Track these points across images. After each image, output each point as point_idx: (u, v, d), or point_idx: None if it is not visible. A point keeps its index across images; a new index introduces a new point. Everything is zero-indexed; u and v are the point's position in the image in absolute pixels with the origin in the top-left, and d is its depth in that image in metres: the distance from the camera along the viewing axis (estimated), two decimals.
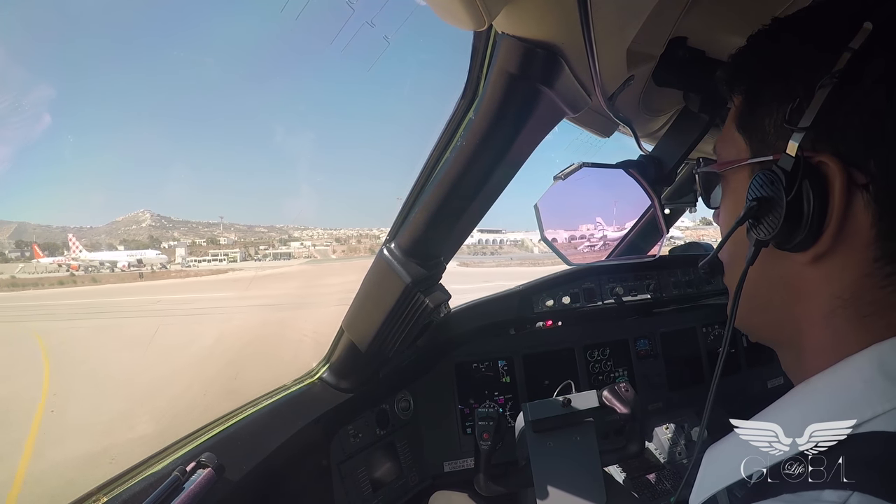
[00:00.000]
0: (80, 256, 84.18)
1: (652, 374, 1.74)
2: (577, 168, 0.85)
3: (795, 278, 0.45)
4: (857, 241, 0.40)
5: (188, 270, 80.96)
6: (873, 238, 0.39)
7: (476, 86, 0.76)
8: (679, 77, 0.77)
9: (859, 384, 0.39)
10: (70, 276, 73.96)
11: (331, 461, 1.22)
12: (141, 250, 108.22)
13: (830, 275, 0.43)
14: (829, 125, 0.40)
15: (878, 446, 0.36)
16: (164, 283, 51.21)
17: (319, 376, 1.28)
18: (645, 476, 1.57)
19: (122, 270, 79.51)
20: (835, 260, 0.42)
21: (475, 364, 1.57)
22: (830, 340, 0.44)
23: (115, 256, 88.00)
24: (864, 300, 0.41)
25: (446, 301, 1.05)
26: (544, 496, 1.14)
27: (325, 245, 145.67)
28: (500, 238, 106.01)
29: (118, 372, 9.31)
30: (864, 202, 0.39)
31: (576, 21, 0.50)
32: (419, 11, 0.78)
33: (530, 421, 1.14)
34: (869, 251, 0.40)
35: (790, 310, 0.47)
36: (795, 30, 0.45)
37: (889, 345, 0.39)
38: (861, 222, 0.40)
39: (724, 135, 0.52)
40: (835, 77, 0.39)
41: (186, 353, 10.04)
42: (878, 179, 0.38)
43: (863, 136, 0.38)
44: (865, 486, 0.33)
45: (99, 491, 0.85)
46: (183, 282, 49.59)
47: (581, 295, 1.62)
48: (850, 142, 0.39)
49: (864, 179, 0.39)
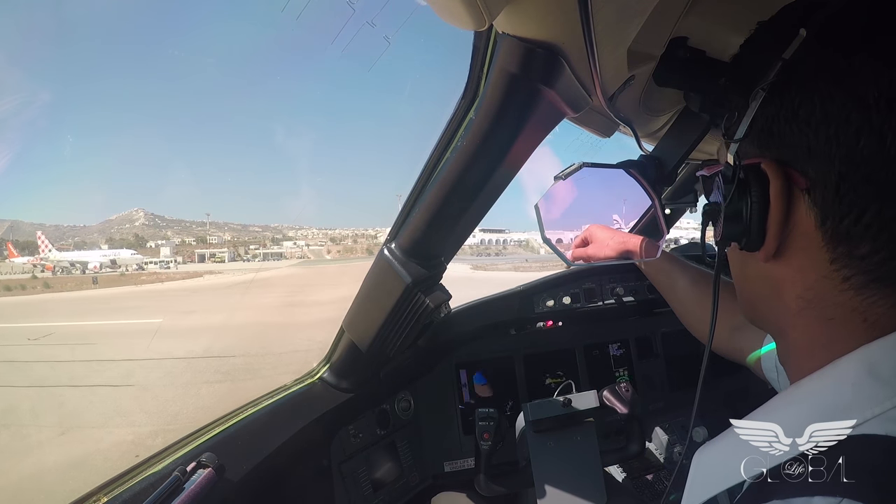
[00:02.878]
0: (49, 256, 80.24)
1: (652, 374, 1.74)
2: (577, 168, 0.85)
3: (768, 277, 0.48)
4: (807, 242, 0.42)
5: (161, 274, 73.41)
6: (822, 241, 0.41)
7: (476, 86, 0.76)
8: (680, 77, 0.77)
9: (847, 387, 0.39)
10: (31, 278, 69.25)
11: (331, 461, 1.22)
12: (115, 250, 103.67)
13: (792, 275, 0.44)
14: (769, 132, 0.42)
15: (868, 450, 0.36)
16: (116, 291, 41.47)
17: (320, 376, 1.27)
18: (645, 476, 1.57)
19: (93, 272, 75.04)
20: (793, 261, 0.44)
21: (476, 364, 1.57)
22: (805, 339, 0.46)
23: (86, 257, 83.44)
24: (827, 302, 0.42)
25: (447, 301, 1.05)
26: (544, 496, 1.14)
27: (319, 245, 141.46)
28: (503, 238, 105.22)
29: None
30: (805, 205, 0.41)
31: (576, 21, 0.50)
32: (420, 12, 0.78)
33: (531, 421, 1.14)
34: (823, 253, 0.41)
35: (772, 305, 0.49)
36: (746, 47, 0.49)
37: (878, 346, 0.39)
38: (806, 225, 0.41)
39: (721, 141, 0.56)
40: (764, 88, 0.41)
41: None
42: (816, 184, 0.39)
43: (801, 142, 0.40)
44: (858, 491, 0.33)
45: (99, 491, 0.85)
46: (136, 290, 40.78)
47: (581, 295, 1.62)
48: (790, 148, 0.41)
49: (805, 184, 0.40)
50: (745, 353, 0.93)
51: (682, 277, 1.14)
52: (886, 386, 0.37)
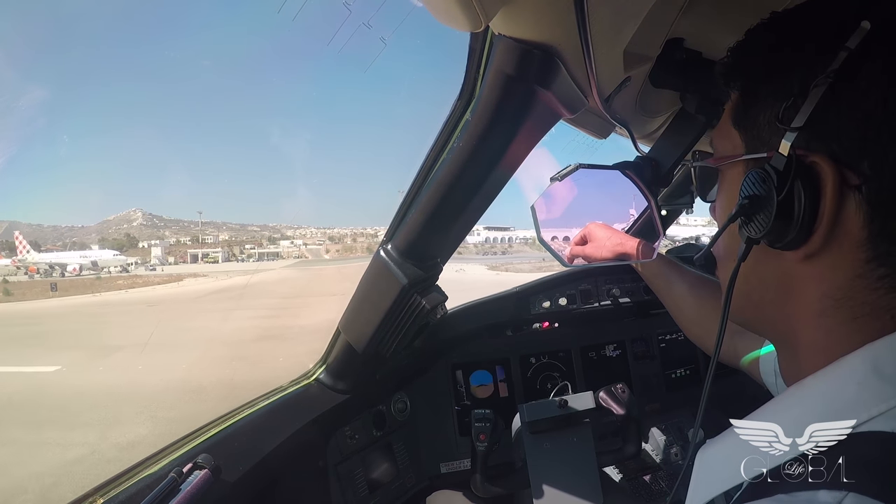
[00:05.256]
0: (27, 258, 76.38)
1: (649, 376, 1.75)
2: (573, 169, 0.85)
3: (787, 276, 0.46)
4: (848, 241, 0.40)
5: (139, 278, 65.43)
6: (865, 239, 0.39)
7: (473, 87, 0.76)
8: (676, 78, 0.77)
9: (853, 385, 0.39)
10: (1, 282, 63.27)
11: (327, 462, 1.22)
12: (96, 251, 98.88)
13: (822, 274, 0.43)
14: (823, 125, 0.40)
15: (874, 447, 0.36)
16: (49, 304, 33.50)
17: (316, 377, 1.27)
18: (641, 477, 1.57)
19: (73, 274, 69.57)
20: (826, 260, 0.42)
21: (472, 365, 1.57)
22: (823, 340, 0.44)
23: (66, 258, 78.21)
24: (856, 301, 0.41)
25: (443, 302, 1.05)
26: (541, 497, 1.14)
27: (317, 244, 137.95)
28: (508, 236, 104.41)
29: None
30: (856, 203, 0.39)
31: (573, 22, 0.50)
32: (416, 13, 0.78)
33: (527, 422, 1.15)
34: (861, 252, 0.40)
35: (783, 307, 0.47)
36: (793, 26, 0.45)
37: (882, 344, 0.39)
38: (853, 223, 0.40)
39: (721, 129, 0.52)
40: (830, 77, 0.38)
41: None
42: (870, 181, 0.38)
43: (856, 137, 0.38)
44: (861, 487, 0.33)
45: (96, 492, 0.85)
46: (83, 302, 32.67)
47: (577, 296, 1.62)
48: (844, 143, 0.39)
49: (857, 181, 0.39)
50: (741, 355, 0.93)
51: (679, 282, 1.14)
52: (890, 384, 0.37)
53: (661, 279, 1.20)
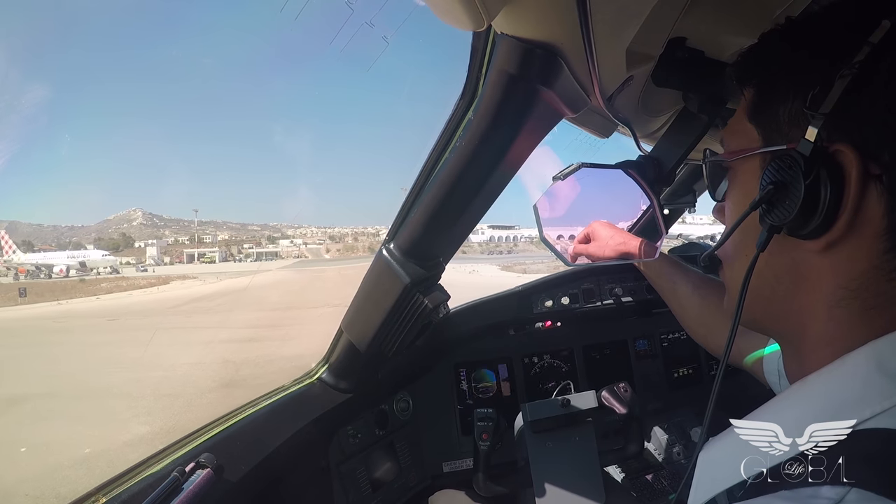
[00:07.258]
0: (13, 258, 74.00)
1: (651, 375, 1.74)
2: (575, 168, 0.84)
3: (803, 266, 0.46)
4: (867, 231, 0.41)
5: (123, 280, 62.44)
6: (884, 229, 0.40)
7: (475, 86, 0.76)
8: (678, 77, 0.77)
9: (857, 383, 0.39)
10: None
11: (330, 462, 1.22)
12: (85, 251, 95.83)
13: (839, 264, 0.43)
14: (845, 115, 0.40)
15: (878, 443, 0.36)
16: (33, 312, 29.98)
17: (318, 377, 1.27)
18: (644, 476, 1.57)
19: (59, 276, 67.07)
20: (844, 250, 0.42)
21: (474, 364, 1.57)
22: (833, 332, 0.44)
23: (53, 258, 75.32)
24: (871, 292, 0.41)
25: (445, 301, 1.05)
26: (543, 496, 1.14)
27: (317, 244, 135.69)
28: (513, 235, 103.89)
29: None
30: (877, 193, 0.40)
31: (575, 21, 0.50)
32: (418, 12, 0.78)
33: (529, 421, 1.15)
34: (879, 242, 0.40)
35: (794, 300, 0.47)
36: (812, 25, 0.46)
37: (886, 341, 0.39)
38: (873, 213, 0.40)
39: (734, 126, 0.53)
40: (854, 67, 0.39)
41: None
42: (891, 171, 0.39)
43: (878, 127, 0.39)
44: (864, 483, 0.33)
45: (98, 491, 0.85)
46: (51, 312, 28.66)
47: (580, 295, 1.62)
48: (866, 133, 0.40)
49: (878, 170, 0.39)
50: (744, 354, 0.93)
51: (683, 281, 1.14)
52: (894, 381, 0.38)
53: (665, 278, 1.20)
